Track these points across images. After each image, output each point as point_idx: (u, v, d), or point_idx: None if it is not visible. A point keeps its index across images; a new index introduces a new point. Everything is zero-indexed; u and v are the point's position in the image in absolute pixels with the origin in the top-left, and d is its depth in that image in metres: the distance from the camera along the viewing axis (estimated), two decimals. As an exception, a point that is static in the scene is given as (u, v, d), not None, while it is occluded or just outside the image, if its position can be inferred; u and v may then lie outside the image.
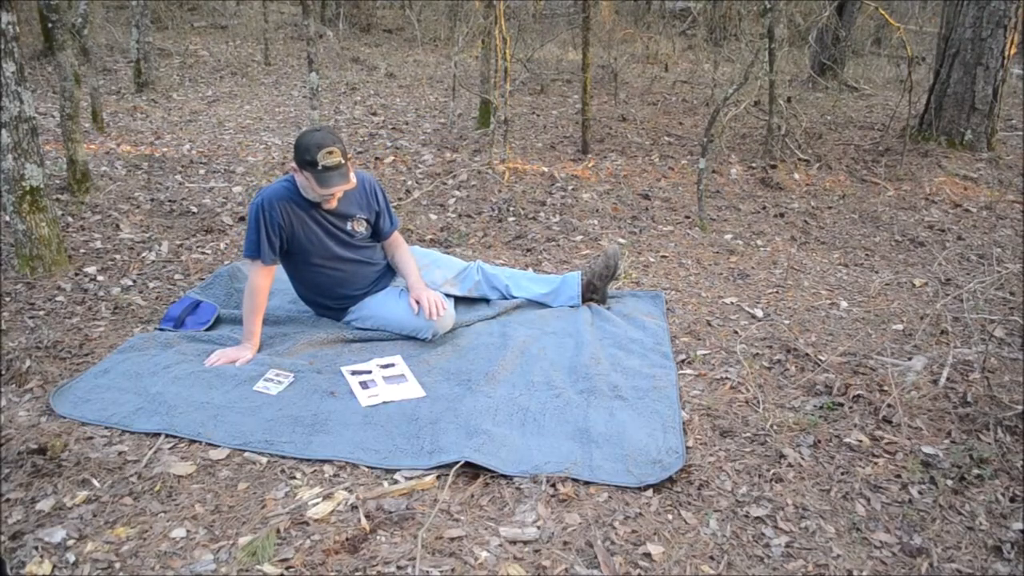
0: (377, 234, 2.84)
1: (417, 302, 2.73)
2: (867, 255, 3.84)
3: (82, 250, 3.47)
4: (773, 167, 5.08)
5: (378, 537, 1.80)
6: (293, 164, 2.57)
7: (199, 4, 10.97)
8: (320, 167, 2.49)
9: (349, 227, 2.74)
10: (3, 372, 2.44)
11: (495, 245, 3.80)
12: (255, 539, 1.77)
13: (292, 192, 2.63)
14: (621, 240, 3.89)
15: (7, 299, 2.95)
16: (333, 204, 2.64)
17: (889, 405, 2.35)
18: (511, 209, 4.21)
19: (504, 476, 2.02)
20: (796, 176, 4.98)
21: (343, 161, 2.53)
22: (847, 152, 5.47)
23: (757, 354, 2.73)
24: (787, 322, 3.00)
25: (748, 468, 2.09)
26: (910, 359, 2.65)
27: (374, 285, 2.86)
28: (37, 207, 3.14)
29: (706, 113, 6.47)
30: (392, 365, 2.58)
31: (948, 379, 2.51)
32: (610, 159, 5.21)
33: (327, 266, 2.74)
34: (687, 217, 4.25)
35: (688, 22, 9.80)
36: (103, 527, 1.82)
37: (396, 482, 2.01)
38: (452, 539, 1.80)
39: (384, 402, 2.36)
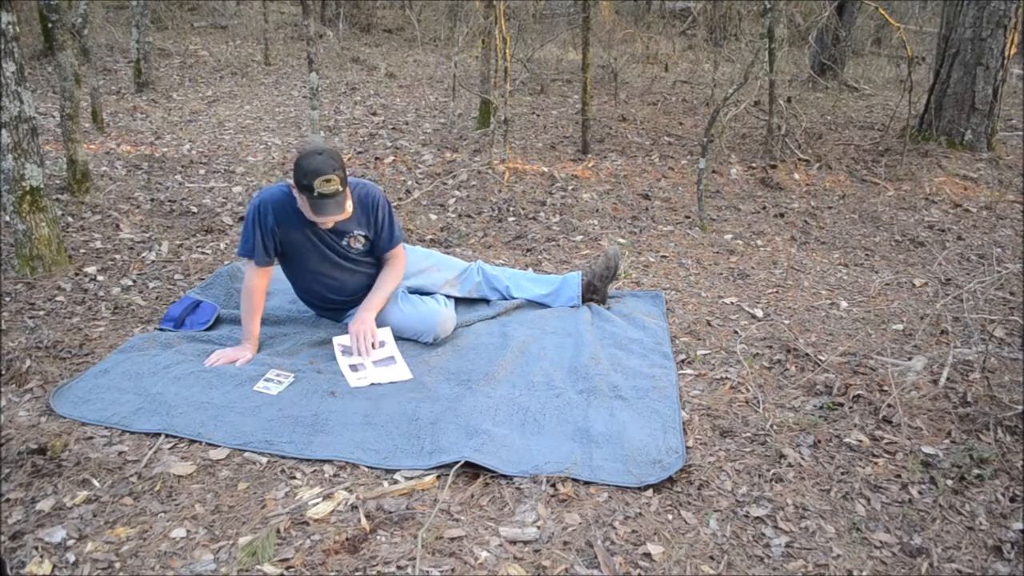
0: (374, 249, 2.76)
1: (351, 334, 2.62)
2: (867, 255, 3.84)
3: (82, 250, 3.47)
4: (773, 167, 5.08)
5: (378, 537, 1.80)
6: (291, 181, 2.51)
7: (199, 4, 10.97)
8: (316, 194, 2.41)
9: (345, 242, 2.68)
10: (3, 372, 2.44)
11: (495, 245, 3.80)
12: (255, 539, 1.77)
13: (290, 199, 2.58)
14: (621, 240, 3.89)
15: (7, 299, 2.95)
16: (328, 226, 2.58)
17: (889, 405, 2.35)
18: (511, 209, 4.21)
19: (504, 476, 2.02)
20: (796, 176, 4.98)
21: (340, 189, 2.43)
22: (847, 152, 5.47)
23: (757, 354, 2.73)
24: (787, 322, 3.00)
25: (748, 468, 2.09)
26: (910, 359, 2.65)
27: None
28: (37, 207, 3.14)
29: (706, 113, 6.47)
30: (383, 343, 2.63)
31: (948, 379, 2.51)
32: (610, 159, 5.21)
33: (322, 274, 2.71)
34: (687, 217, 4.25)
35: (688, 22, 9.80)
36: (103, 527, 1.82)
37: (396, 482, 2.01)
38: (452, 539, 1.80)
39: (372, 384, 2.43)
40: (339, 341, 2.65)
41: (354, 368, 2.52)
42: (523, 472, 2.03)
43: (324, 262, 2.69)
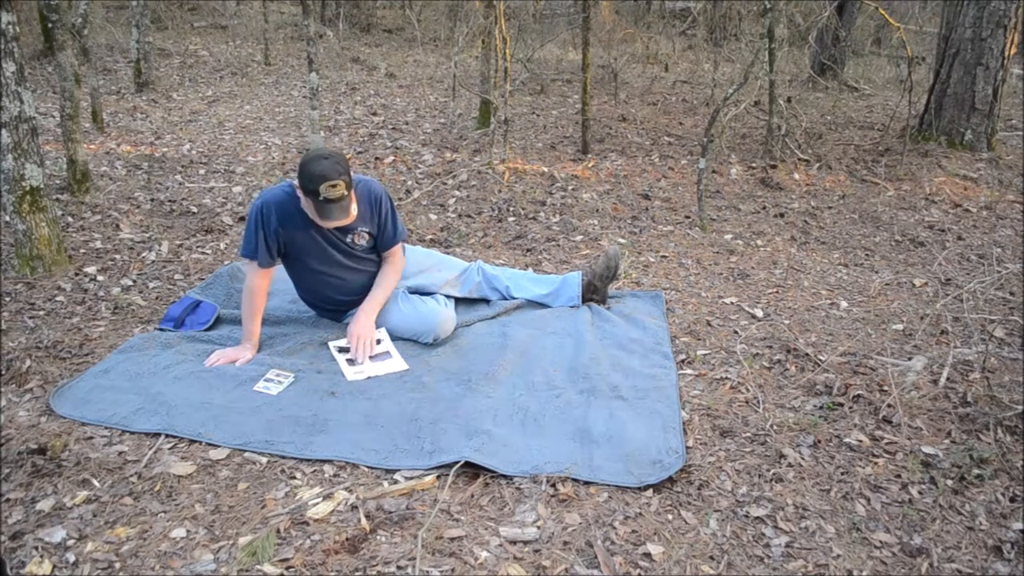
0: (377, 245, 2.77)
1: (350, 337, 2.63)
2: (867, 255, 3.84)
3: (82, 250, 3.47)
4: (773, 167, 5.08)
5: (378, 537, 1.80)
6: (296, 182, 2.50)
7: (199, 4, 10.97)
8: (322, 199, 2.41)
9: (349, 239, 2.68)
10: (3, 372, 2.44)
11: (495, 245, 3.80)
12: (255, 539, 1.77)
13: (293, 199, 2.58)
14: (621, 240, 3.89)
15: (7, 299, 2.95)
16: (331, 226, 2.59)
17: (889, 405, 2.35)
18: (511, 209, 4.21)
19: (504, 476, 2.02)
20: (796, 176, 4.98)
21: (346, 193, 2.44)
22: (847, 152, 5.47)
23: (757, 354, 2.73)
24: (787, 322, 3.00)
25: (748, 468, 2.09)
26: (910, 359, 2.65)
27: (374, 289, 2.85)
28: (37, 207, 3.14)
29: (706, 113, 6.47)
30: (379, 341, 2.65)
31: (948, 379, 2.51)
32: (610, 159, 5.21)
33: (326, 273, 2.71)
34: (687, 217, 4.25)
35: (688, 22, 9.80)
36: (103, 527, 1.82)
37: (396, 482, 2.01)
38: (452, 539, 1.80)
39: (368, 377, 2.47)
40: (335, 344, 2.68)
41: (351, 363, 2.56)
42: (523, 472, 2.03)
43: (328, 261, 2.69)
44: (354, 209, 2.54)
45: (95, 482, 1.97)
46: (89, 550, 1.74)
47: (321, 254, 2.67)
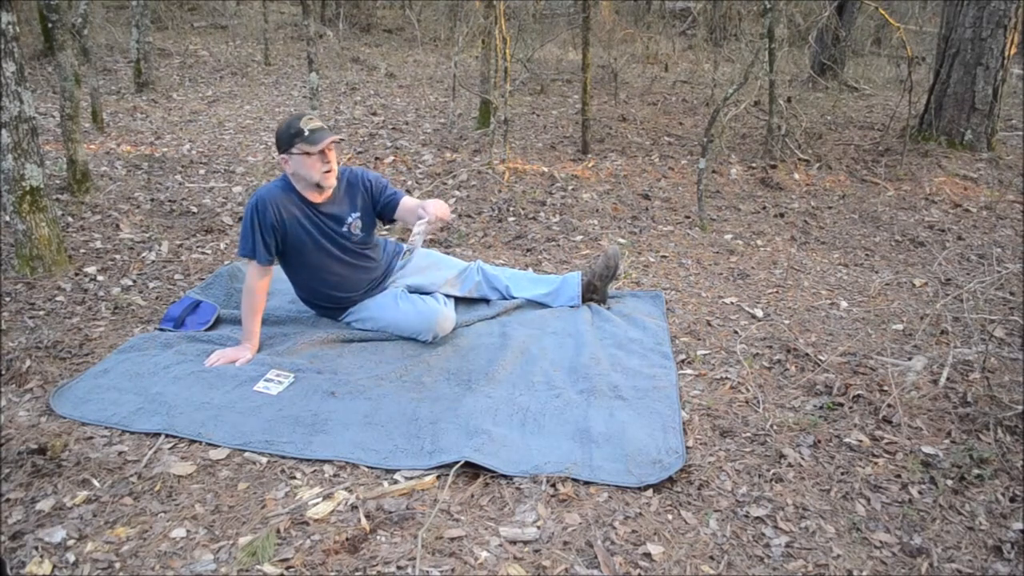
0: (389, 213, 2.77)
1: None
2: (867, 255, 3.84)
3: (82, 250, 3.47)
4: (773, 167, 5.08)
5: (378, 537, 1.80)
6: (281, 156, 2.58)
7: (199, 4, 10.97)
8: (307, 132, 2.53)
9: (345, 229, 2.71)
10: (3, 372, 2.44)
11: (495, 245, 3.80)
12: (255, 539, 1.77)
13: (287, 192, 2.62)
14: (621, 240, 3.89)
15: (7, 299, 2.95)
16: (332, 180, 2.62)
17: (889, 405, 2.35)
18: (511, 209, 4.21)
19: (504, 476, 2.02)
20: (796, 176, 4.98)
21: (325, 126, 2.58)
22: (847, 152, 5.47)
23: (757, 354, 2.73)
24: (787, 322, 3.00)
25: (748, 468, 2.09)
26: (910, 359, 2.65)
27: (371, 288, 2.86)
28: (37, 207, 3.14)
29: (706, 113, 6.47)
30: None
31: (948, 379, 2.51)
32: (610, 159, 5.21)
33: (323, 268, 2.73)
34: (687, 217, 4.25)
35: (688, 22, 9.80)
36: (103, 527, 1.82)
37: (396, 482, 2.01)
38: (452, 539, 1.80)
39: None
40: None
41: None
42: (523, 472, 2.03)
43: (325, 256, 2.70)
44: (338, 136, 2.65)
45: (95, 482, 1.97)
46: (89, 550, 1.74)
47: (318, 250, 2.68)
